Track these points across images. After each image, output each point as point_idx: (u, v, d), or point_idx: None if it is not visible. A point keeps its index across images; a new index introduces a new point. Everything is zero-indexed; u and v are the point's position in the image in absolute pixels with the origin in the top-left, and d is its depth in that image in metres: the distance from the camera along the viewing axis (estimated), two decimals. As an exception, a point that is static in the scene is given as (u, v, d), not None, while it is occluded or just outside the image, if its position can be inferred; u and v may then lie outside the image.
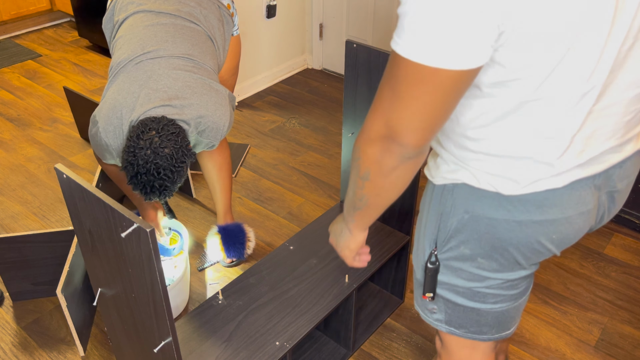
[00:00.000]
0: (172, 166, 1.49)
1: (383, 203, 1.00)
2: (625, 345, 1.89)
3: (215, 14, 1.80)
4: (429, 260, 1.08)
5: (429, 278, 1.10)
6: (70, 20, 4.56)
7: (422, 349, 1.87)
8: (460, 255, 1.04)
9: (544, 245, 0.99)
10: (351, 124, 1.83)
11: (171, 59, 1.62)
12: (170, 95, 1.57)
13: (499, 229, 0.98)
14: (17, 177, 2.69)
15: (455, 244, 1.04)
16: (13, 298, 2.01)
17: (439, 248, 1.07)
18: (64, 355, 1.84)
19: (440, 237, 1.05)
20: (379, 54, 1.62)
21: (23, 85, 3.57)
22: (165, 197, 1.54)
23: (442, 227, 1.04)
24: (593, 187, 0.98)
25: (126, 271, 1.18)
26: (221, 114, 1.64)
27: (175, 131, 1.52)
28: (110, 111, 1.58)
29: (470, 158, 0.96)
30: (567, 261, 2.23)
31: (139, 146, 1.47)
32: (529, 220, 0.96)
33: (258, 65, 3.48)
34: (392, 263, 1.96)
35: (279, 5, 3.40)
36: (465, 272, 1.06)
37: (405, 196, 1.80)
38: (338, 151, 2.91)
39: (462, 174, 0.98)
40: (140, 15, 1.71)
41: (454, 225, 1.02)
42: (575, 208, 0.96)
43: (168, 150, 1.48)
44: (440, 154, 1.02)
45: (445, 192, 1.02)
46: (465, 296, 1.09)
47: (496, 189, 0.95)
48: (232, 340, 1.52)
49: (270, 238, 2.34)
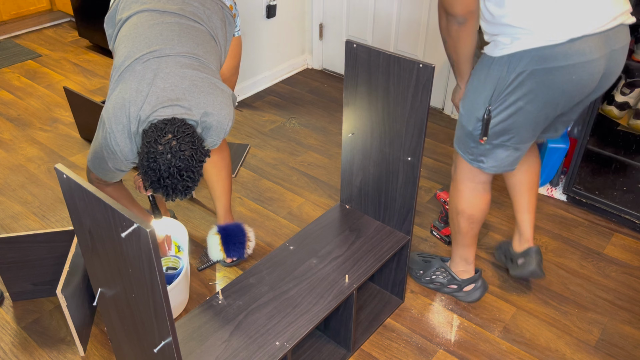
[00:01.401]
0: (192, 167, 1.51)
1: (463, 55, 1.61)
2: (625, 345, 1.89)
3: (218, 14, 1.80)
4: (485, 114, 1.59)
5: (484, 126, 1.61)
6: (70, 20, 4.56)
7: (422, 349, 1.87)
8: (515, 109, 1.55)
9: (570, 85, 1.50)
10: (351, 124, 1.83)
11: (177, 57, 1.62)
12: (177, 94, 1.58)
13: (548, 77, 1.47)
14: (17, 177, 2.69)
15: (513, 99, 1.54)
16: (13, 298, 2.02)
17: (492, 105, 1.57)
18: (64, 355, 1.84)
19: (495, 96, 1.56)
20: (379, 54, 1.62)
21: (23, 85, 3.57)
22: (185, 197, 1.57)
23: (498, 88, 1.54)
24: (602, 41, 1.47)
25: (126, 271, 1.18)
26: (226, 113, 1.65)
27: (190, 132, 1.53)
28: (118, 110, 1.58)
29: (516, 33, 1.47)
30: (567, 261, 2.23)
31: (159, 151, 1.48)
32: (564, 65, 1.46)
33: (258, 65, 3.48)
34: (392, 263, 1.97)
35: (279, 5, 3.40)
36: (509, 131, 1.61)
37: (406, 197, 1.80)
38: (338, 151, 2.91)
39: (516, 44, 1.48)
40: (145, 14, 1.71)
41: (513, 84, 1.51)
42: (589, 56, 1.45)
43: (188, 152, 1.50)
44: (493, 37, 1.54)
45: (504, 60, 1.51)
46: (508, 148, 1.66)
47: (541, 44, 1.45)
48: (232, 340, 1.52)
49: (270, 238, 2.34)
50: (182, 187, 1.52)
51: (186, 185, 1.53)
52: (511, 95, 1.54)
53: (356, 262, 1.78)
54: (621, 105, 2.35)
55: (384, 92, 1.67)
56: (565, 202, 2.54)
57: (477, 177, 1.79)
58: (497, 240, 2.32)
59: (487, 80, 1.57)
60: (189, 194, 1.57)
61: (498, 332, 1.93)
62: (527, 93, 1.52)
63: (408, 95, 1.61)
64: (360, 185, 1.94)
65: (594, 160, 2.47)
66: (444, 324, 1.96)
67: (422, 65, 1.53)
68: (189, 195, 1.57)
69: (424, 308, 2.02)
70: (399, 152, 1.74)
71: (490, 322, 1.97)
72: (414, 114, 1.63)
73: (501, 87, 1.54)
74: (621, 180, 2.43)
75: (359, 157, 1.88)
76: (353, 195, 1.99)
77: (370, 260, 1.79)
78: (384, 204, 1.89)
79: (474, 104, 1.63)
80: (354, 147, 1.87)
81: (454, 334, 1.93)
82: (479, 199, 1.83)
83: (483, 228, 2.38)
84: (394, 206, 1.87)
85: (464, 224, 1.88)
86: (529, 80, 1.50)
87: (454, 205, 1.88)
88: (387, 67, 1.62)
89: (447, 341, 1.90)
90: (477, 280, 2.01)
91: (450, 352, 1.86)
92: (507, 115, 1.58)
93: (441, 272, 2.05)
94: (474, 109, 1.63)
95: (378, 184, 1.87)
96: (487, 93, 1.58)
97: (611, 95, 2.39)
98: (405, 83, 1.60)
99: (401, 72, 1.59)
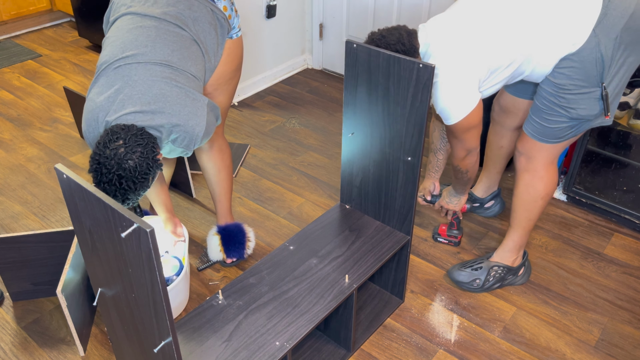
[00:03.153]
0: (134, 178, 1.49)
1: (473, 173, 1.97)
2: (625, 345, 1.89)
3: (206, 18, 1.78)
4: (602, 92, 1.67)
5: (606, 104, 1.69)
6: (70, 20, 4.56)
7: (422, 349, 1.87)
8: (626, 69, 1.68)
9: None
10: (351, 124, 1.83)
11: (148, 65, 1.62)
12: (143, 102, 1.57)
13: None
14: (17, 177, 2.69)
15: (619, 63, 1.65)
16: (13, 298, 2.02)
17: (604, 80, 1.66)
18: (64, 355, 1.84)
19: (605, 73, 1.65)
20: (379, 54, 1.62)
21: (23, 85, 3.57)
22: (128, 205, 1.56)
23: (605, 65, 1.64)
24: None
25: (126, 271, 1.18)
26: (195, 123, 1.63)
27: (143, 142, 1.51)
28: (89, 114, 1.61)
29: None
30: (567, 261, 2.23)
31: (105, 155, 1.48)
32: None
33: (258, 65, 3.48)
34: (392, 263, 1.97)
35: (279, 5, 3.40)
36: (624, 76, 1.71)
37: (406, 197, 1.80)
38: (338, 151, 2.91)
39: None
40: (127, 18, 1.72)
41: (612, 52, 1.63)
42: None
43: (132, 163, 1.48)
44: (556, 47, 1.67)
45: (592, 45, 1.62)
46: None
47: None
48: (232, 340, 1.52)
49: (270, 238, 2.34)
50: (120, 194, 1.50)
51: (125, 196, 1.51)
52: (615, 62, 1.65)
53: (356, 262, 1.78)
54: (621, 105, 2.35)
55: (384, 92, 1.67)
56: (565, 202, 2.54)
57: (557, 156, 1.89)
58: (496, 240, 2.32)
59: (586, 69, 1.66)
60: (130, 203, 1.55)
61: (498, 332, 1.93)
62: (625, 49, 1.65)
63: (408, 95, 1.62)
64: (360, 185, 1.94)
65: (594, 160, 2.46)
66: (444, 324, 1.96)
67: (422, 65, 1.53)
68: (130, 204, 1.57)
69: (424, 308, 2.02)
70: (399, 152, 1.74)
71: (490, 322, 1.97)
72: (414, 114, 1.63)
73: (607, 61, 1.65)
74: (621, 180, 2.43)
75: (359, 157, 1.88)
76: (353, 195, 1.99)
77: (370, 260, 1.79)
78: (384, 204, 1.89)
79: (589, 101, 1.71)
80: (354, 147, 1.87)
81: (454, 334, 1.93)
82: (556, 176, 1.93)
83: (483, 228, 2.39)
84: (394, 206, 1.87)
85: (542, 208, 1.96)
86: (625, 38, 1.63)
87: (536, 194, 1.92)
88: (387, 67, 1.62)
89: (447, 341, 1.90)
90: (525, 262, 2.11)
91: (450, 352, 1.86)
92: (619, 78, 1.70)
93: (495, 270, 2.06)
94: (591, 102, 1.71)
95: (378, 184, 1.87)
96: (596, 77, 1.67)
97: (611, 95, 2.39)
98: (405, 83, 1.60)
99: (401, 72, 1.59)
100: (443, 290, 2.09)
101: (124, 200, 1.53)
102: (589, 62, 1.65)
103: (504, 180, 2.64)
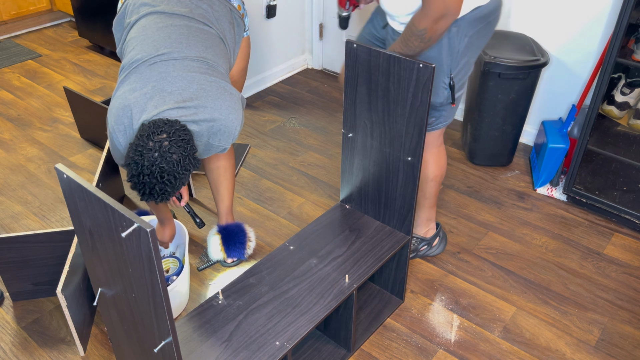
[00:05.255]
0: (176, 172, 1.49)
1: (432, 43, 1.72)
2: (625, 345, 1.89)
3: (226, 17, 1.79)
4: (450, 82, 1.75)
5: (453, 93, 1.77)
6: (70, 20, 4.56)
7: (422, 349, 1.87)
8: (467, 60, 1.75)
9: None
10: (351, 124, 1.83)
11: (185, 61, 1.62)
12: (184, 98, 1.57)
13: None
14: (17, 177, 2.69)
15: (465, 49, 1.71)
16: (13, 298, 2.02)
17: (452, 72, 1.74)
18: (64, 355, 1.84)
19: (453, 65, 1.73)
20: (379, 54, 1.62)
21: (23, 85, 3.57)
22: (161, 201, 1.55)
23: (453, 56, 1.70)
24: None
25: (126, 271, 1.18)
26: (234, 117, 1.64)
27: (186, 138, 1.52)
28: (120, 110, 1.58)
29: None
30: (567, 261, 2.23)
31: (148, 147, 1.47)
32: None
33: (258, 65, 3.48)
34: (392, 263, 1.97)
35: (279, 5, 3.40)
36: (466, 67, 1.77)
37: (406, 197, 1.80)
38: (338, 151, 2.91)
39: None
40: (154, 17, 1.71)
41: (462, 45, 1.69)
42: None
43: (176, 157, 1.48)
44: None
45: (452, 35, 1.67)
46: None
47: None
48: (232, 340, 1.52)
49: (270, 238, 2.34)
50: (159, 189, 1.50)
51: (164, 189, 1.51)
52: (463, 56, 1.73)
53: (356, 262, 1.78)
54: (621, 105, 2.35)
55: (384, 92, 1.67)
56: (565, 202, 2.54)
57: (438, 139, 1.98)
58: (496, 240, 2.32)
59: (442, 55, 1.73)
60: (165, 198, 1.54)
61: (498, 332, 1.93)
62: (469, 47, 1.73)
63: (408, 95, 1.62)
64: (360, 185, 1.94)
65: (594, 160, 2.47)
66: (444, 324, 1.96)
67: (422, 65, 1.53)
68: (164, 200, 1.55)
69: (424, 308, 2.02)
70: (399, 152, 1.74)
71: (490, 322, 1.97)
72: (414, 114, 1.63)
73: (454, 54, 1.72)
74: (621, 180, 2.43)
75: (359, 157, 1.88)
76: (353, 195, 1.99)
77: (370, 260, 1.79)
78: (384, 204, 1.89)
79: (436, 81, 1.78)
80: (354, 147, 1.87)
81: (454, 334, 1.93)
82: (443, 157, 2.04)
83: (482, 228, 2.39)
84: (394, 206, 1.87)
85: (435, 188, 2.07)
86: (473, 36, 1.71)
87: (424, 176, 2.03)
88: (387, 67, 1.62)
89: (447, 341, 1.90)
90: (439, 232, 2.21)
91: (450, 352, 1.86)
92: (464, 73, 1.79)
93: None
94: (437, 84, 1.79)
95: (378, 184, 1.87)
96: (446, 66, 1.74)
97: (611, 95, 2.39)
98: (405, 83, 1.60)
99: (401, 72, 1.59)
100: (443, 290, 2.09)
101: (163, 195, 1.52)
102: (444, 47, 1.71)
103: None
